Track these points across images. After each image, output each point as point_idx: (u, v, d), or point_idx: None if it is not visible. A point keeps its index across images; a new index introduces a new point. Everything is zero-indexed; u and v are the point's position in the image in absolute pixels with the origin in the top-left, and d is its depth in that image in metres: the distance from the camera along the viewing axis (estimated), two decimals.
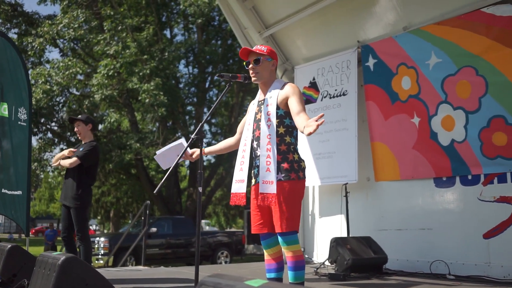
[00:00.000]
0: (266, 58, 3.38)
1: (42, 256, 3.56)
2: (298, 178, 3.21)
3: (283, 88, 3.32)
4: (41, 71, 15.85)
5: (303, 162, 3.30)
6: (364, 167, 6.84)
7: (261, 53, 3.37)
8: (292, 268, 3.15)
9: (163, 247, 14.24)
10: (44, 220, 50.76)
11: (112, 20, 16.61)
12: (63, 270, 3.15)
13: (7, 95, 5.88)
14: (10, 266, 4.50)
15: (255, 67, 3.38)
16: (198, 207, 3.05)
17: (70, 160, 5.17)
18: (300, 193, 3.25)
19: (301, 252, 3.20)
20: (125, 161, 17.25)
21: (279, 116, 3.26)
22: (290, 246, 3.15)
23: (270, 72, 3.41)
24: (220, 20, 19.47)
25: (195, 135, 3.15)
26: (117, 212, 28.29)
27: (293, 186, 3.18)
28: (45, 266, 3.38)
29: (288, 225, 3.13)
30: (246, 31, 7.85)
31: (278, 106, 3.27)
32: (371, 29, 6.82)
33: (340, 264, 5.80)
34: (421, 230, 6.22)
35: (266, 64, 3.38)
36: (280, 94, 3.29)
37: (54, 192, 40.99)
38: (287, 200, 3.15)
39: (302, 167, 3.27)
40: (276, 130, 3.25)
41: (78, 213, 5.07)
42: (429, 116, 6.04)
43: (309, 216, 7.77)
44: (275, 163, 3.17)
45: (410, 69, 6.26)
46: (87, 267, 3.28)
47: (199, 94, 19.93)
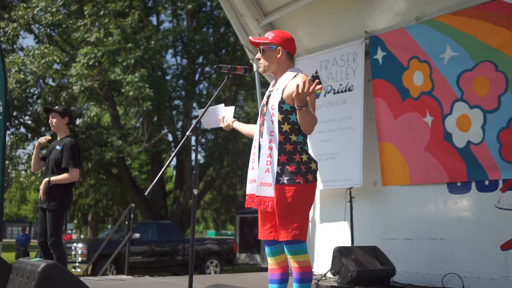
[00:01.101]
0: (269, 47, 3.34)
1: (19, 263, 3.55)
2: (306, 182, 3.18)
3: (292, 81, 3.25)
4: (14, 59, 15.76)
5: (313, 164, 3.27)
6: (371, 170, 6.85)
7: (263, 41, 3.35)
8: (297, 280, 3.15)
9: (147, 254, 14.21)
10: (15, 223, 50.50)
11: (93, 4, 16.54)
12: (43, 278, 3.13)
13: None
14: None
15: (259, 57, 3.38)
16: (193, 212, 3.05)
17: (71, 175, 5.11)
18: (308, 198, 3.22)
19: (309, 263, 3.19)
20: (106, 160, 17.20)
21: (283, 111, 3.22)
22: (296, 256, 3.15)
23: (278, 61, 3.35)
24: (212, 6, 19.44)
25: (190, 132, 3.14)
26: (96, 215, 28.20)
27: (299, 191, 3.15)
28: (23, 273, 3.36)
29: (293, 233, 3.11)
30: (242, 18, 7.85)
31: (284, 100, 3.22)
32: (381, 18, 6.83)
33: (344, 276, 5.81)
34: (432, 240, 6.25)
35: (270, 52, 3.35)
36: (288, 87, 3.24)
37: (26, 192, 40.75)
38: (291, 205, 3.14)
39: (312, 169, 3.24)
40: (280, 127, 3.21)
41: (54, 216, 5.04)
42: (443, 115, 6.06)
43: (310, 223, 7.77)
44: (275, 164, 3.15)
45: (423, 63, 6.28)
46: (69, 275, 3.27)
47: (188, 87, 19.89)
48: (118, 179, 21.24)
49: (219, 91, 3.32)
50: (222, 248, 15.80)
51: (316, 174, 3.27)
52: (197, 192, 3.09)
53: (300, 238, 3.15)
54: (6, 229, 55.58)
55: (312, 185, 3.24)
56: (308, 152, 3.30)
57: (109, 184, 22.58)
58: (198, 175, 3.12)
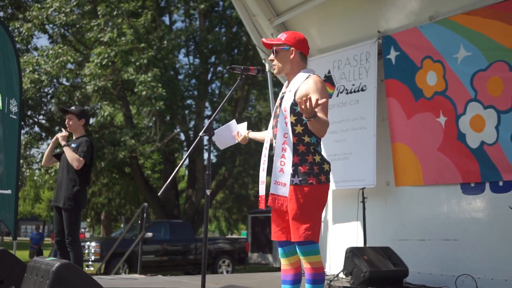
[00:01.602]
0: (281, 48, 3.34)
1: (34, 262, 3.58)
2: (319, 182, 3.19)
3: (305, 82, 3.25)
4: (28, 59, 15.88)
5: (326, 164, 3.27)
6: (384, 171, 6.83)
7: (276, 42, 3.35)
8: (310, 281, 3.15)
9: (159, 253, 14.26)
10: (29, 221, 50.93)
11: (106, 4, 16.62)
12: (57, 277, 3.16)
13: (0, 85, 5.91)
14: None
15: (272, 59, 3.38)
16: (206, 213, 3.06)
17: (76, 159, 5.12)
18: (321, 199, 3.23)
19: (321, 264, 3.19)
20: (119, 159, 17.28)
21: (296, 113, 3.22)
22: (308, 257, 3.15)
23: (291, 62, 3.34)
24: (224, 6, 19.45)
25: (203, 132, 3.15)
26: (109, 214, 28.34)
27: (312, 191, 3.16)
28: (38, 272, 3.40)
29: (306, 234, 3.12)
30: (254, 18, 7.85)
31: (296, 102, 3.22)
32: (394, 18, 6.81)
33: (356, 276, 5.80)
34: (446, 241, 6.21)
35: (283, 54, 3.35)
36: (300, 89, 3.24)
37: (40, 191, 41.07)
38: (304, 206, 3.14)
39: (325, 170, 3.24)
40: (293, 129, 3.21)
41: (70, 215, 5.09)
42: (457, 116, 6.03)
43: (322, 223, 7.74)
44: (290, 164, 3.16)
45: (436, 63, 6.25)
46: (83, 274, 3.29)
47: (200, 86, 19.92)
48: (131, 178, 21.34)
49: (231, 92, 3.33)
50: (234, 248, 15.81)
51: (329, 175, 3.27)
52: (209, 193, 3.10)
53: (313, 239, 3.15)
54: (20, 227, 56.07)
55: (325, 186, 3.25)
56: (321, 153, 3.30)
57: (122, 183, 22.71)
58: (211, 175, 3.13)
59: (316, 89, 3.18)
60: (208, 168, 3.14)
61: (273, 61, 3.38)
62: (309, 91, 3.19)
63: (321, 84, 3.22)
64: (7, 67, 5.88)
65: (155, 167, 25.91)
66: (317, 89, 3.18)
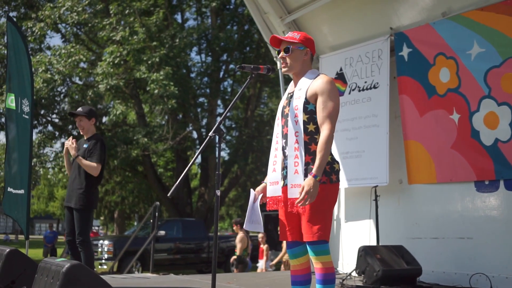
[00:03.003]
0: (297, 47, 3.33)
1: (44, 263, 3.59)
2: (330, 182, 3.18)
3: (315, 81, 3.25)
4: (41, 59, 15.98)
5: (336, 164, 3.26)
6: (396, 168, 6.78)
7: (292, 41, 3.33)
8: (320, 282, 3.13)
9: (172, 252, 14.31)
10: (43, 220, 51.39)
11: (118, 3, 16.68)
12: (68, 278, 3.17)
13: (13, 85, 5.95)
14: (9, 272, 4.54)
15: (284, 56, 3.35)
16: (216, 213, 3.04)
17: (92, 166, 5.14)
18: (332, 198, 3.22)
19: (331, 263, 3.18)
20: (132, 157, 17.35)
21: (308, 111, 3.21)
22: (320, 256, 3.13)
23: (303, 62, 3.35)
24: (236, 3, 19.45)
25: (213, 132, 3.13)
26: (122, 212, 28.51)
27: (324, 191, 3.14)
28: (48, 273, 3.41)
29: (318, 234, 3.10)
30: (266, 16, 7.82)
31: (308, 100, 3.22)
32: (406, 14, 6.75)
33: (369, 275, 5.76)
34: (460, 239, 6.15)
35: (298, 53, 3.34)
36: (311, 88, 3.24)
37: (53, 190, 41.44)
38: (316, 205, 3.12)
39: (335, 170, 3.24)
40: (305, 128, 3.20)
41: (81, 215, 5.11)
42: (470, 113, 5.96)
43: (334, 222, 7.73)
44: (303, 164, 3.14)
45: (449, 60, 6.18)
46: (93, 275, 3.30)
47: (213, 84, 19.94)
48: (143, 176, 21.42)
49: (242, 90, 3.32)
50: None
51: (339, 174, 3.27)
52: (219, 193, 3.09)
53: (324, 238, 3.14)
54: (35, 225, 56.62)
55: (336, 186, 3.24)
56: (331, 152, 3.27)
57: (135, 182, 22.80)
58: (220, 175, 3.12)
59: (324, 90, 3.20)
60: (218, 168, 3.13)
61: (285, 59, 3.35)
62: (317, 90, 3.21)
63: (331, 85, 3.23)
64: (19, 67, 5.91)
65: (167, 165, 25.98)
66: (325, 90, 3.19)
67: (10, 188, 5.78)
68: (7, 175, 5.83)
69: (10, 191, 5.78)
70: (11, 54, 5.87)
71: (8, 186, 5.78)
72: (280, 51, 3.36)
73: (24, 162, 5.88)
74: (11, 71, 5.87)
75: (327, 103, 3.15)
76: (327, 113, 3.14)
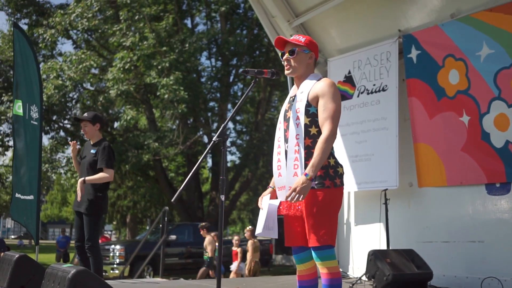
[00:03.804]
0: (302, 50, 3.32)
1: (51, 268, 3.59)
2: (334, 186, 3.15)
3: (317, 83, 3.24)
4: (52, 65, 16.09)
5: (340, 168, 3.23)
6: (406, 171, 6.72)
7: (297, 43, 3.31)
8: (327, 287, 3.09)
9: (183, 256, 14.30)
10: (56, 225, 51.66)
11: (128, 9, 16.76)
12: (73, 285, 3.16)
13: (21, 92, 5.97)
14: (18, 278, 4.56)
15: (289, 58, 3.32)
16: (220, 218, 3.01)
17: (104, 175, 5.16)
18: (336, 203, 3.18)
19: (337, 268, 3.14)
20: (143, 162, 17.39)
21: (310, 114, 3.18)
22: (325, 262, 3.09)
23: (307, 65, 3.34)
24: (245, 8, 19.46)
25: (217, 137, 3.11)
26: (134, 217, 28.56)
27: (328, 195, 3.11)
28: (54, 279, 3.40)
29: (323, 239, 3.06)
30: (273, 20, 7.80)
31: (310, 103, 3.19)
32: (414, 16, 6.69)
33: (379, 280, 5.71)
34: (471, 242, 6.08)
35: (303, 56, 3.32)
36: (312, 90, 3.22)
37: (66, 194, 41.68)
38: (321, 210, 3.09)
39: (339, 173, 3.21)
40: (307, 131, 3.17)
41: (90, 220, 5.10)
42: (480, 115, 5.89)
43: (344, 226, 7.67)
44: (302, 167, 3.10)
45: (459, 62, 6.12)
46: (98, 281, 3.28)
47: (223, 89, 19.96)
48: (155, 181, 21.46)
49: (245, 95, 3.30)
50: None
51: (343, 178, 3.24)
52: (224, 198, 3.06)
53: (330, 243, 3.10)
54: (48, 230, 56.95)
55: (340, 190, 3.21)
56: (335, 155, 3.25)
57: (147, 186, 22.85)
58: (225, 180, 3.09)
59: (325, 92, 3.17)
60: (222, 173, 3.11)
61: (290, 61, 3.32)
62: (318, 93, 3.19)
63: (333, 87, 3.20)
64: (27, 74, 5.94)
65: (179, 170, 26.02)
66: (326, 92, 3.17)
67: (18, 194, 5.81)
68: (15, 181, 5.86)
69: (18, 197, 5.81)
70: (19, 61, 5.90)
71: (16, 192, 5.80)
72: (285, 53, 3.34)
73: (33, 168, 5.90)
74: (18, 78, 5.91)
75: (328, 105, 3.13)
76: (327, 114, 3.11)
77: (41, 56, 18.80)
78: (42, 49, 17.67)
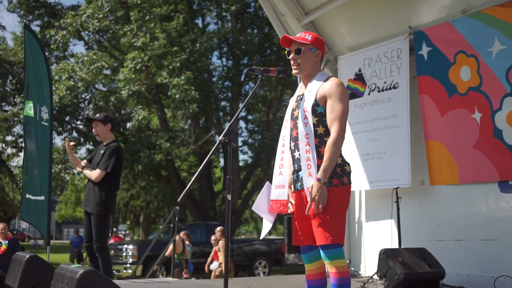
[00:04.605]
0: (309, 48, 3.28)
1: (60, 269, 3.60)
2: (342, 184, 3.12)
3: (325, 83, 3.20)
4: (64, 67, 16.18)
5: (347, 166, 3.20)
6: (418, 170, 6.66)
7: (303, 42, 3.27)
8: (335, 286, 3.07)
9: (196, 255, 14.30)
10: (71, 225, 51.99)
11: (139, 9, 16.81)
12: (81, 285, 3.16)
13: (32, 93, 6.01)
14: (29, 278, 4.58)
15: (296, 57, 3.28)
16: (227, 218, 3.00)
17: (95, 174, 5.21)
18: (344, 201, 3.16)
19: (346, 268, 3.11)
20: (155, 162, 17.43)
21: (318, 114, 3.15)
22: (334, 261, 3.06)
23: (314, 64, 3.31)
24: (256, 7, 19.44)
25: (223, 136, 3.10)
26: (147, 217, 28.67)
27: (336, 194, 3.09)
28: (63, 279, 3.41)
29: (332, 237, 3.03)
30: (283, 18, 7.76)
31: (317, 102, 3.16)
32: (425, 12, 6.63)
33: (391, 279, 5.65)
34: (483, 241, 6.01)
35: (309, 54, 3.28)
36: (320, 90, 3.18)
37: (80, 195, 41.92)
38: (329, 209, 3.06)
39: (347, 172, 3.18)
40: (315, 130, 3.14)
41: (98, 221, 5.11)
42: (492, 111, 5.82)
43: (356, 224, 7.63)
44: (315, 166, 3.08)
45: (470, 58, 6.05)
46: (106, 282, 3.28)
47: (234, 88, 19.96)
48: (167, 180, 21.51)
49: (251, 94, 3.28)
50: (270, 249, 15.75)
51: (350, 176, 3.21)
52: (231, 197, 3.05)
53: (338, 241, 3.07)
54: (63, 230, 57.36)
55: (348, 188, 3.18)
56: (341, 154, 3.21)
57: (159, 186, 22.91)
58: (231, 179, 3.08)
59: (333, 92, 3.14)
60: (228, 172, 3.09)
61: (296, 60, 3.29)
62: (326, 93, 3.15)
63: (341, 87, 3.16)
64: (38, 75, 5.97)
65: (191, 169, 26.06)
66: (334, 93, 3.14)
67: (28, 194, 5.83)
68: (26, 181, 5.89)
69: (29, 197, 5.83)
70: (30, 62, 5.94)
71: (27, 192, 5.83)
72: (291, 51, 3.30)
73: (44, 168, 5.93)
74: (29, 79, 5.94)
75: (335, 106, 3.10)
76: (335, 115, 3.08)
77: (53, 57, 18.94)
78: (54, 51, 17.78)
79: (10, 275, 4.85)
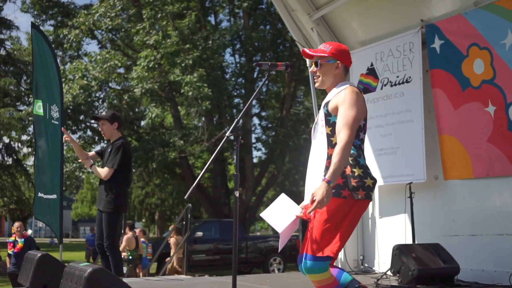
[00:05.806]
0: (327, 60, 3.18)
1: (69, 267, 3.61)
2: (354, 197, 2.97)
3: (339, 93, 3.10)
4: (77, 66, 16.28)
5: (369, 180, 3.03)
6: (432, 164, 6.59)
7: (321, 54, 3.18)
8: None
9: (210, 253, 14.35)
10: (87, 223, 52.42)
11: (151, 7, 16.85)
12: (89, 283, 3.16)
13: (41, 92, 6.04)
14: (41, 276, 4.60)
15: (315, 70, 3.21)
16: (235, 214, 2.98)
17: (103, 172, 5.22)
18: (352, 215, 3.00)
19: (325, 282, 3.01)
20: (169, 160, 17.48)
21: (331, 124, 3.08)
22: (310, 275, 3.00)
23: (335, 75, 3.18)
24: (268, 3, 19.41)
25: (230, 132, 3.07)
26: (162, 214, 28.82)
27: (343, 205, 2.96)
28: (72, 278, 3.42)
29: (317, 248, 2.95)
30: (294, 13, 7.73)
31: (330, 112, 3.08)
32: (437, 5, 6.56)
33: (404, 275, 5.61)
34: (498, 235, 5.93)
35: (328, 67, 3.18)
36: (333, 99, 3.10)
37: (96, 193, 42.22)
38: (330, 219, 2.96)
39: (366, 185, 3.00)
40: (329, 140, 3.05)
41: (109, 219, 5.12)
42: (506, 104, 5.74)
43: (369, 220, 7.58)
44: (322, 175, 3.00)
45: (483, 51, 5.97)
46: (115, 280, 3.28)
47: (247, 85, 19.94)
48: (182, 178, 21.57)
49: (259, 89, 3.26)
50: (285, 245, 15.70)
51: (370, 191, 3.03)
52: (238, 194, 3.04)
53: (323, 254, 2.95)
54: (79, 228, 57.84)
55: (362, 203, 3.02)
56: (364, 165, 3.07)
57: (174, 184, 22.99)
58: (239, 176, 3.06)
59: (342, 100, 3.04)
60: (236, 169, 3.07)
61: (316, 73, 3.21)
62: (338, 102, 3.06)
63: (352, 95, 3.04)
64: (47, 74, 5.99)
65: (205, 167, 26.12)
66: (343, 101, 3.03)
67: (40, 193, 5.87)
68: (38, 180, 5.92)
69: (41, 196, 5.86)
70: (37, 61, 5.96)
71: (39, 191, 5.86)
72: (312, 64, 3.23)
73: (55, 167, 5.96)
74: (37, 78, 5.97)
75: (344, 112, 2.99)
76: (343, 122, 2.96)
77: (67, 57, 19.06)
78: (68, 50, 17.89)
79: (22, 274, 4.88)
